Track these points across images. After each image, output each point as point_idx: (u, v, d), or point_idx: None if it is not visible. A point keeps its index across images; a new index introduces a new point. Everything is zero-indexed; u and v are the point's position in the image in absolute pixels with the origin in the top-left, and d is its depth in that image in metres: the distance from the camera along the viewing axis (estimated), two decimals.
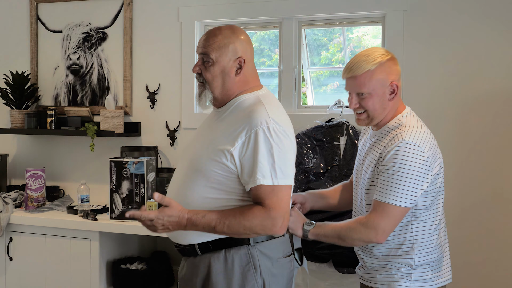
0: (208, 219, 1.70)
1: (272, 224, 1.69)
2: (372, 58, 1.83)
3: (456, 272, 2.25)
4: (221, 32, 1.80)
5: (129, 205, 2.81)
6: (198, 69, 1.80)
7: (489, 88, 2.73)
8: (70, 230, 2.90)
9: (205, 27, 3.25)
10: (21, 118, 3.38)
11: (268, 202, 1.68)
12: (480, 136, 2.75)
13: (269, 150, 1.67)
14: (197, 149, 1.82)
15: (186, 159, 1.86)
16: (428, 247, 1.87)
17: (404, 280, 1.86)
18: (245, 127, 1.69)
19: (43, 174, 3.21)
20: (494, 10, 2.71)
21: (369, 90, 1.83)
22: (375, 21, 2.98)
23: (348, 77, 1.87)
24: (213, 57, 1.77)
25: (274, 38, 3.28)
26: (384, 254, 1.89)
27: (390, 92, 1.85)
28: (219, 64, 1.78)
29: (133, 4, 3.32)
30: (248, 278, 1.75)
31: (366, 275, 1.97)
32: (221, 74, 1.79)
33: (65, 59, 3.47)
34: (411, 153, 1.76)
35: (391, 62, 1.86)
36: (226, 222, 1.69)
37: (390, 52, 1.91)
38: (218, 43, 1.77)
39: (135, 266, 2.96)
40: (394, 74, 1.85)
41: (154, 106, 3.30)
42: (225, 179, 1.73)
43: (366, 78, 1.82)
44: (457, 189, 2.75)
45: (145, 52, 3.32)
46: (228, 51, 1.78)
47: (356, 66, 1.83)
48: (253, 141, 1.67)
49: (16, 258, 3.03)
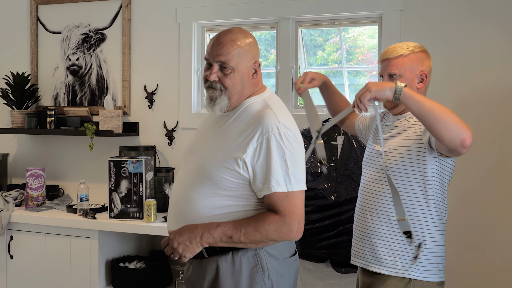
0: (224, 229, 1.68)
1: (288, 230, 1.68)
2: (406, 46, 1.98)
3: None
4: (236, 37, 1.74)
5: (128, 204, 2.84)
6: (215, 77, 1.73)
7: (486, 87, 2.75)
8: (69, 228, 2.93)
9: (202, 28, 3.28)
10: (21, 118, 3.42)
11: (283, 208, 1.67)
12: (477, 134, 2.77)
13: (282, 156, 1.66)
14: (205, 155, 1.77)
15: (192, 164, 1.81)
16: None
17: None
18: (256, 133, 1.68)
19: (43, 173, 3.24)
20: (490, 9, 2.73)
21: (400, 72, 1.95)
22: (372, 21, 3.00)
23: (383, 60, 2.01)
24: (233, 64, 1.72)
25: (270, 38, 3.30)
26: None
27: (419, 81, 1.97)
28: (239, 71, 1.73)
29: (132, 5, 3.35)
30: (256, 280, 1.73)
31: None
32: (241, 81, 1.75)
33: (65, 59, 3.50)
34: None
35: (424, 54, 1.99)
36: (242, 231, 1.67)
37: (424, 47, 2.02)
38: (238, 50, 1.72)
39: (134, 265, 2.98)
40: (425, 65, 1.98)
41: (152, 106, 3.33)
42: (236, 185, 1.71)
43: (399, 61, 1.96)
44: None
45: (143, 52, 3.35)
46: (247, 57, 1.75)
47: (390, 51, 1.99)
48: (265, 147, 1.66)
49: (16, 256, 3.06)
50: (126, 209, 2.85)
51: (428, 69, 2.00)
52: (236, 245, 1.70)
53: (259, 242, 1.69)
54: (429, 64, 2.01)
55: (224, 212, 1.72)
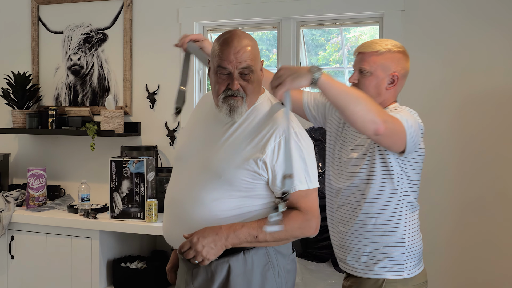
0: (249, 229, 1.66)
1: (309, 227, 1.71)
2: (384, 43, 1.89)
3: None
4: (248, 41, 1.70)
5: (129, 204, 2.84)
6: (239, 85, 1.69)
7: (487, 87, 2.75)
8: (71, 229, 2.93)
9: (204, 28, 3.28)
10: (22, 118, 3.41)
11: (304, 205, 1.70)
12: (478, 134, 2.77)
13: (300, 155, 1.68)
14: (218, 157, 1.73)
15: (197, 166, 1.77)
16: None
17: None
18: (272, 134, 1.68)
19: (44, 173, 3.24)
20: (491, 9, 2.73)
21: (370, 69, 1.86)
22: (373, 22, 3.00)
23: (357, 53, 1.92)
24: (254, 68, 1.70)
25: (272, 38, 3.30)
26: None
27: (389, 82, 1.88)
28: (256, 73, 1.72)
29: (133, 5, 3.35)
30: (268, 277, 1.73)
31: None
32: (258, 83, 1.74)
33: (66, 59, 3.50)
34: (411, 114, 1.82)
35: (402, 56, 1.90)
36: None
37: (405, 48, 1.93)
38: (253, 53, 1.70)
39: (135, 265, 2.98)
40: (400, 67, 1.88)
41: (154, 106, 3.33)
42: (253, 186, 1.70)
43: (372, 57, 1.87)
44: (457, 185, 2.77)
45: (145, 52, 3.35)
46: (258, 58, 1.74)
47: (367, 45, 1.90)
48: (284, 146, 1.67)
49: (17, 257, 3.06)
50: (128, 209, 2.85)
51: (403, 71, 1.90)
52: (259, 245, 1.70)
53: (282, 240, 1.71)
54: (405, 66, 1.90)
55: (237, 214, 1.71)
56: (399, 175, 1.85)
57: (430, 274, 2.17)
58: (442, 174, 2.80)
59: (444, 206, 2.81)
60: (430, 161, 2.70)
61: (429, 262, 2.49)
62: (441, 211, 2.81)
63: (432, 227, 2.78)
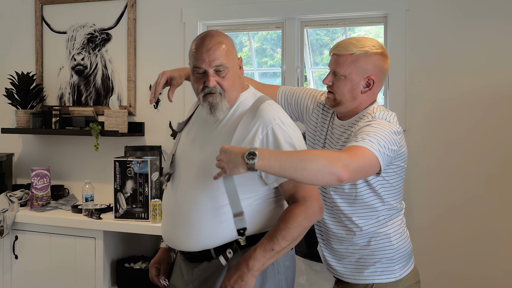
0: (261, 248, 1.67)
1: (313, 212, 1.72)
2: (361, 45, 1.78)
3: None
4: (221, 39, 1.75)
5: (133, 204, 2.83)
6: (215, 82, 1.73)
7: (492, 86, 2.74)
8: (74, 229, 2.92)
9: (207, 28, 3.27)
10: (26, 118, 3.42)
11: (303, 192, 1.71)
12: (485, 133, 2.76)
13: (289, 143, 1.69)
14: (208, 156, 1.75)
15: (191, 164, 1.80)
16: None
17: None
18: (259, 126, 1.70)
19: (48, 173, 3.24)
20: (496, 8, 2.72)
21: (344, 72, 1.78)
22: (377, 21, 2.99)
23: (332, 54, 1.83)
24: (228, 65, 1.73)
25: (276, 38, 3.30)
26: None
27: (364, 85, 1.80)
28: (233, 70, 1.75)
29: (137, 5, 3.35)
30: (267, 274, 1.74)
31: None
32: (235, 79, 1.77)
33: (70, 59, 3.50)
34: (384, 123, 1.72)
35: (379, 57, 1.80)
36: (278, 238, 1.67)
37: (384, 48, 1.84)
38: (227, 49, 1.73)
39: (139, 265, 2.98)
40: (377, 70, 1.79)
41: (158, 106, 3.33)
42: (246, 180, 1.71)
43: (347, 60, 1.77)
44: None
45: (148, 52, 3.34)
46: (233, 55, 1.78)
47: (342, 46, 1.80)
48: (272, 138, 1.69)
49: (21, 257, 3.06)
50: (132, 209, 2.84)
51: (380, 74, 1.80)
52: (281, 254, 1.70)
53: (296, 238, 1.71)
54: (383, 68, 1.81)
55: (228, 210, 1.72)
56: (381, 186, 1.81)
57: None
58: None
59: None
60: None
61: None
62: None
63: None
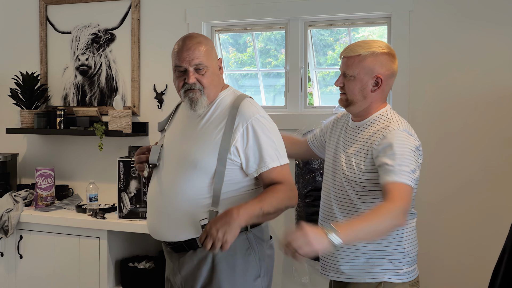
0: (253, 202, 1.77)
1: (295, 196, 1.88)
2: (368, 46, 1.90)
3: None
4: (200, 40, 1.89)
5: (137, 204, 2.85)
6: (195, 79, 1.86)
7: (495, 88, 2.73)
8: (79, 228, 2.94)
9: (211, 28, 3.28)
10: (31, 118, 3.43)
11: (284, 179, 1.85)
12: (487, 135, 2.75)
13: (267, 136, 1.84)
14: (193, 150, 1.86)
15: (174, 158, 1.90)
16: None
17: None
18: (239, 121, 1.83)
19: (52, 173, 3.25)
20: (499, 11, 2.71)
21: (353, 73, 1.88)
22: (381, 22, 2.99)
23: (342, 57, 1.95)
24: (207, 64, 1.87)
25: (280, 38, 3.30)
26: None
27: (373, 84, 1.89)
28: (212, 69, 1.89)
29: (141, 5, 3.36)
30: (250, 262, 1.85)
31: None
32: (214, 77, 1.91)
33: (74, 60, 3.51)
34: (406, 140, 1.80)
35: (386, 57, 1.89)
36: (267, 201, 1.78)
37: (391, 49, 1.94)
38: (206, 50, 1.87)
39: (143, 265, 2.99)
40: (384, 68, 1.88)
41: (162, 106, 3.33)
42: (228, 171, 1.83)
43: (355, 61, 1.88)
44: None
45: (152, 52, 3.35)
46: (213, 55, 1.91)
47: (351, 48, 1.92)
48: (252, 131, 1.82)
49: (26, 256, 3.07)
50: (136, 209, 2.85)
51: (388, 73, 1.89)
52: (264, 218, 1.82)
53: (278, 212, 1.83)
54: (391, 67, 1.90)
55: (209, 202, 1.82)
56: None
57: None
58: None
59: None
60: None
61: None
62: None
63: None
